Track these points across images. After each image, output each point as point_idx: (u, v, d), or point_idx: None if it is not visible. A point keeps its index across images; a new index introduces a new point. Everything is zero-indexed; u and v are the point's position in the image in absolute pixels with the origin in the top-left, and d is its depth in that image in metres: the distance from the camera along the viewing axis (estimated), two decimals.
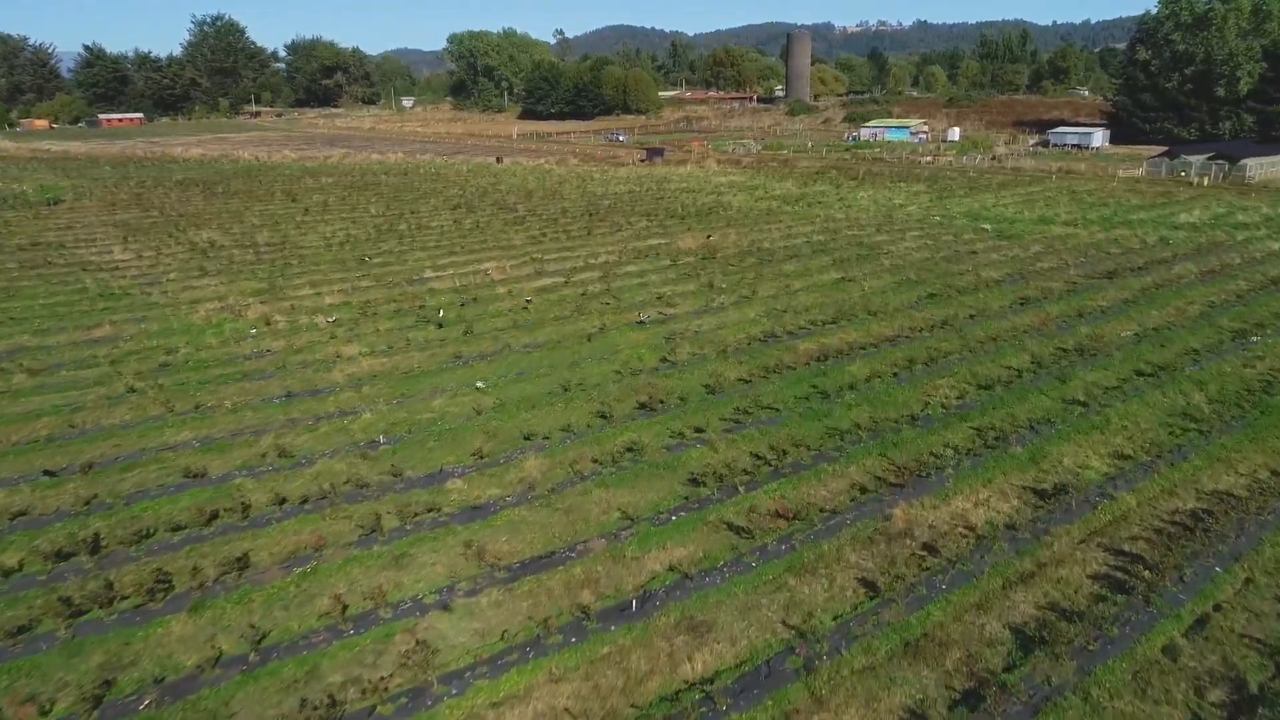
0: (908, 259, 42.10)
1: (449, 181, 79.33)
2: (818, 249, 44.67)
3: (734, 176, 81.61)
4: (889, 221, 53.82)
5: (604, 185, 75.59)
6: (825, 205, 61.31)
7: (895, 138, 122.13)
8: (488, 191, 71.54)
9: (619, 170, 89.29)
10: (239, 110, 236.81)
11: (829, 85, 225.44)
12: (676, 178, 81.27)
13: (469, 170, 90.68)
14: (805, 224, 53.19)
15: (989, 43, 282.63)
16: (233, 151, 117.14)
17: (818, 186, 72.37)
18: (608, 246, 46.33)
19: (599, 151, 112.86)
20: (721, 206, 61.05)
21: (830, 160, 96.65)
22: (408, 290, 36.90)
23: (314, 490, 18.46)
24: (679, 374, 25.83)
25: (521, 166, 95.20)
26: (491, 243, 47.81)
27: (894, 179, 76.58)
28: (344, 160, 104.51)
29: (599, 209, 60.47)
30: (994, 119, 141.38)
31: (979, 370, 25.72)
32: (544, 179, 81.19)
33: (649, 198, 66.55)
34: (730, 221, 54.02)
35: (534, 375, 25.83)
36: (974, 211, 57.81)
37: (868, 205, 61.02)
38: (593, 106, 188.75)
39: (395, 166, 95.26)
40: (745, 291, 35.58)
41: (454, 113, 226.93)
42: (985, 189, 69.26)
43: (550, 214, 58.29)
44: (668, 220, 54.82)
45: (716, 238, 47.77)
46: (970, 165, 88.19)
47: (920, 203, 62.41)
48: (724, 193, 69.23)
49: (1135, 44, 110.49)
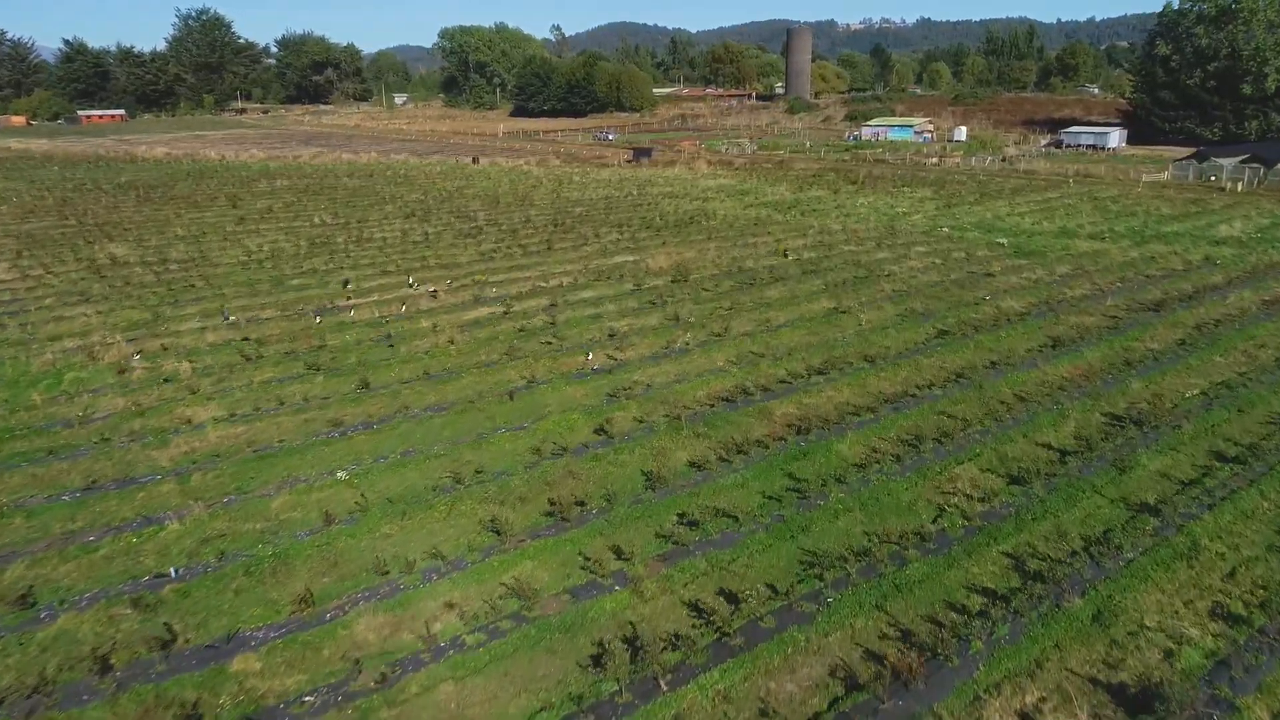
0: (913, 283, 35.90)
1: (415, 184, 73.21)
2: (808, 269, 38.48)
3: (724, 180, 75.42)
4: (891, 234, 47.62)
5: (581, 189, 69.45)
6: (821, 214, 55.11)
7: (898, 137, 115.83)
8: (452, 196, 65.41)
9: (601, 172, 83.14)
10: (225, 107, 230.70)
11: (830, 82, 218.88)
12: (661, 181, 75.12)
13: (441, 172, 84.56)
14: (796, 236, 46.99)
15: (994, 39, 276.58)
16: (201, 150, 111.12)
17: (814, 191, 66.16)
18: (566, 265, 40.16)
19: (585, 151, 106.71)
20: (705, 215, 54.89)
21: (829, 162, 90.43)
22: (314, 324, 30.77)
23: (28, 678, 12.33)
24: (613, 455, 19.70)
25: (498, 167, 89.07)
26: (435, 260, 41.66)
27: (897, 183, 70.37)
28: (313, 160, 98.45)
29: (568, 218, 54.31)
30: (1002, 118, 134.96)
31: (1008, 451, 19.56)
32: (518, 182, 75.07)
33: (627, 204, 60.39)
34: (711, 234, 47.83)
35: (424, 457, 19.70)
36: (986, 222, 51.58)
37: (868, 214, 54.81)
38: (585, 104, 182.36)
39: (364, 167, 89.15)
40: (716, 327, 29.42)
41: (445, 110, 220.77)
42: (997, 195, 63.02)
43: (512, 224, 52.13)
44: (642, 232, 48.65)
45: (693, 254, 41.60)
46: (979, 167, 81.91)
47: (926, 211, 56.21)
48: (710, 198, 63.06)
49: (1154, 38, 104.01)
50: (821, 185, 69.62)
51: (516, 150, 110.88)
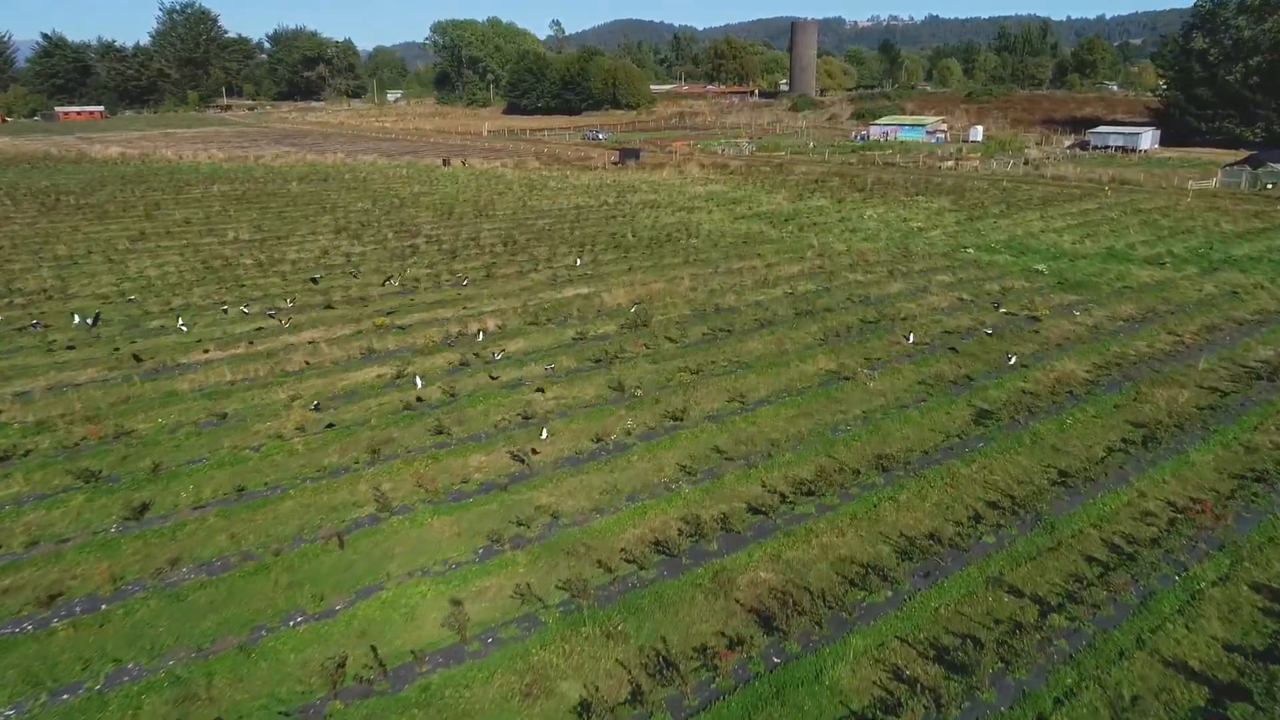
0: (936, 330, 27.92)
1: (368, 190, 65.40)
2: (802, 308, 30.48)
3: (715, 185, 67.42)
4: (906, 258, 39.62)
5: (552, 197, 61.54)
6: (822, 229, 47.11)
7: (909, 137, 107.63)
8: (404, 205, 57.55)
9: (582, 176, 75.20)
10: (210, 104, 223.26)
11: (836, 79, 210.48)
12: (645, 187, 67.18)
13: (405, 175, 76.72)
14: (791, 260, 39.02)
15: (1007, 35, 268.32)
16: (159, 150, 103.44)
17: (815, 200, 58.13)
18: (502, 302, 32.25)
19: (570, 152, 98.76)
20: (687, 230, 46.95)
21: (834, 165, 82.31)
22: (129, 393, 22.93)
23: None
24: (459, 681, 11.80)
25: (471, 170, 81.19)
26: (343, 294, 33.78)
27: (910, 190, 62.30)
28: (274, 161, 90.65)
29: (526, 234, 46.43)
30: (1019, 116, 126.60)
31: (1123, 686, 11.61)
32: (485, 188, 67.20)
33: (599, 216, 52.46)
34: (690, 256, 39.87)
35: (128, 685, 11.83)
36: (1018, 241, 43.53)
37: (877, 230, 46.77)
38: (580, 101, 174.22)
39: (322, 170, 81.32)
40: (673, 404, 21.48)
41: (437, 107, 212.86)
42: (1025, 205, 54.91)
43: (457, 242, 44.25)
44: (607, 254, 40.74)
45: (662, 285, 33.64)
46: (1001, 172, 73.71)
47: (945, 226, 48.16)
48: (697, 208, 55.09)
49: (1190, 30, 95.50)
50: (824, 192, 61.59)
51: (497, 151, 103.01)
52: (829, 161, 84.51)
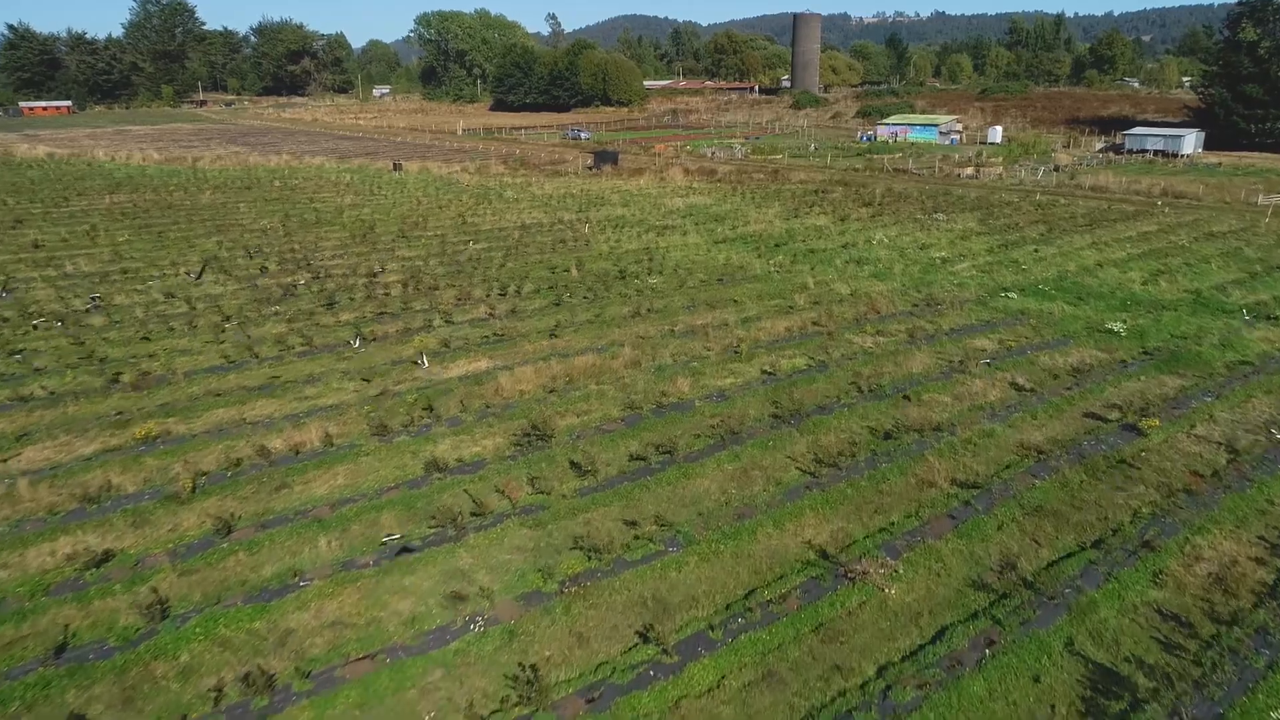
0: (987, 454, 18.17)
1: (290, 201, 55.70)
2: (785, 409, 20.69)
3: (698, 197, 57.63)
4: (930, 307, 29.85)
5: (503, 211, 51.82)
6: (821, 259, 37.33)
7: (921, 138, 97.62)
8: (319, 223, 47.88)
9: (548, 184, 65.42)
10: (187, 98, 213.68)
11: (841, 74, 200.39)
12: (617, 197, 57.41)
13: (347, 182, 66.99)
14: (777, 313, 29.27)
15: (1019, 30, 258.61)
16: (93, 150, 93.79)
17: (813, 218, 48.33)
18: (351, 387, 22.52)
19: (543, 154, 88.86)
20: (650, 262, 37.25)
21: (837, 170, 72.42)
22: None
23: None
24: None
25: (427, 175, 71.43)
26: (132, 371, 24.07)
27: (926, 203, 52.47)
28: (213, 163, 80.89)
29: (444, 267, 36.77)
30: (1040, 115, 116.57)
31: None
32: (429, 199, 57.48)
33: (548, 239, 42.75)
34: (644, 305, 30.12)
35: None
36: (1071, 279, 33.73)
37: (890, 261, 36.98)
38: (569, 97, 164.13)
39: (256, 175, 71.55)
40: (533, 652, 11.79)
41: (423, 103, 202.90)
42: (1069, 226, 45.08)
43: (354, 278, 34.56)
44: (535, 300, 31.05)
45: (590, 361, 23.86)
46: (1031, 181, 63.77)
47: (975, 255, 38.39)
48: (671, 227, 45.36)
49: (1239, 20, 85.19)
50: (825, 207, 51.76)
51: (465, 152, 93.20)
52: (831, 167, 74.59)
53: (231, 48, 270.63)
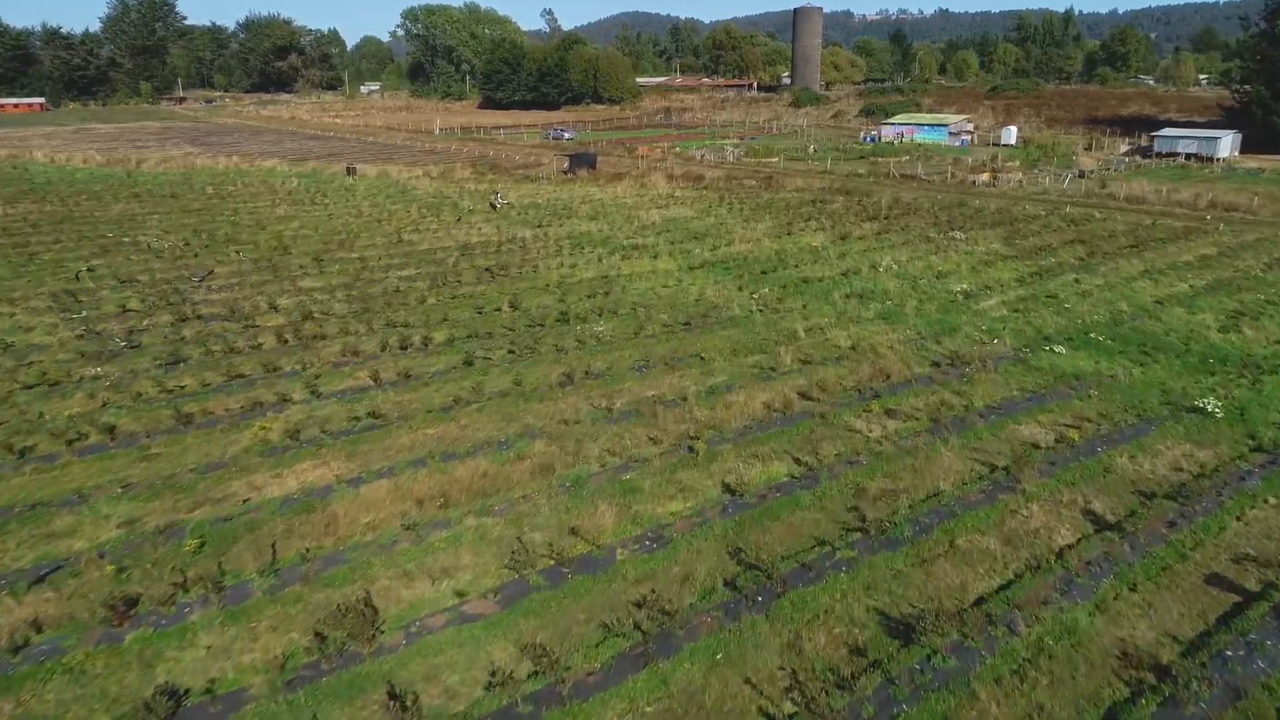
0: (1060, 655, 11.07)
1: (215, 213, 48.73)
2: (753, 576, 13.62)
3: (679, 208, 50.59)
4: (955, 368, 22.80)
5: (448, 227, 44.85)
6: (815, 292, 30.26)
7: (929, 139, 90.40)
8: (229, 241, 40.90)
9: (514, 191, 58.36)
10: (167, 95, 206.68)
11: (844, 71, 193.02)
12: (586, 208, 50.40)
13: (292, 188, 59.97)
14: (755, 379, 22.19)
15: (1026, 26, 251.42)
16: (33, 151, 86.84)
17: (808, 236, 41.25)
18: (104, 526, 15.48)
19: (518, 156, 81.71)
20: (606, 298, 30.26)
21: (837, 176, 65.31)
22: None
23: None
24: None
25: (381, 181, 64.40)
26: None
27: (940, 216, 45.41)
28: (155, 166, 73.88)
29: (350, 305, 29.77)
30: (1055, 115, 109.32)
31: None
32: (371, 210, 50.47)
33: (491, 264, 35.73)
34: (582, 367, 23.05)
35: None
36: (1128, 322, 26.64)
37: (901, 297, 29.89)
38: (558, 94, 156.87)
39: (194, 180, 64.48)
40: None
41: (411, 100, 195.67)
42: (1112, 249, 38.00)
43: (230, 320, 27.55)
44: (448, 352, 24.02)
45: (483, 464, 16.83)
46: (1055, 189, 56.59)
47: (1003, 287, 31.32)
48: (641, 248, 38.33)
49: (1278, 11, 77.88)
50: (823, 221, 44.70)
51: (436, 154, 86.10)
52: (831, 172, 67.43)
53: (219, 43, 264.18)
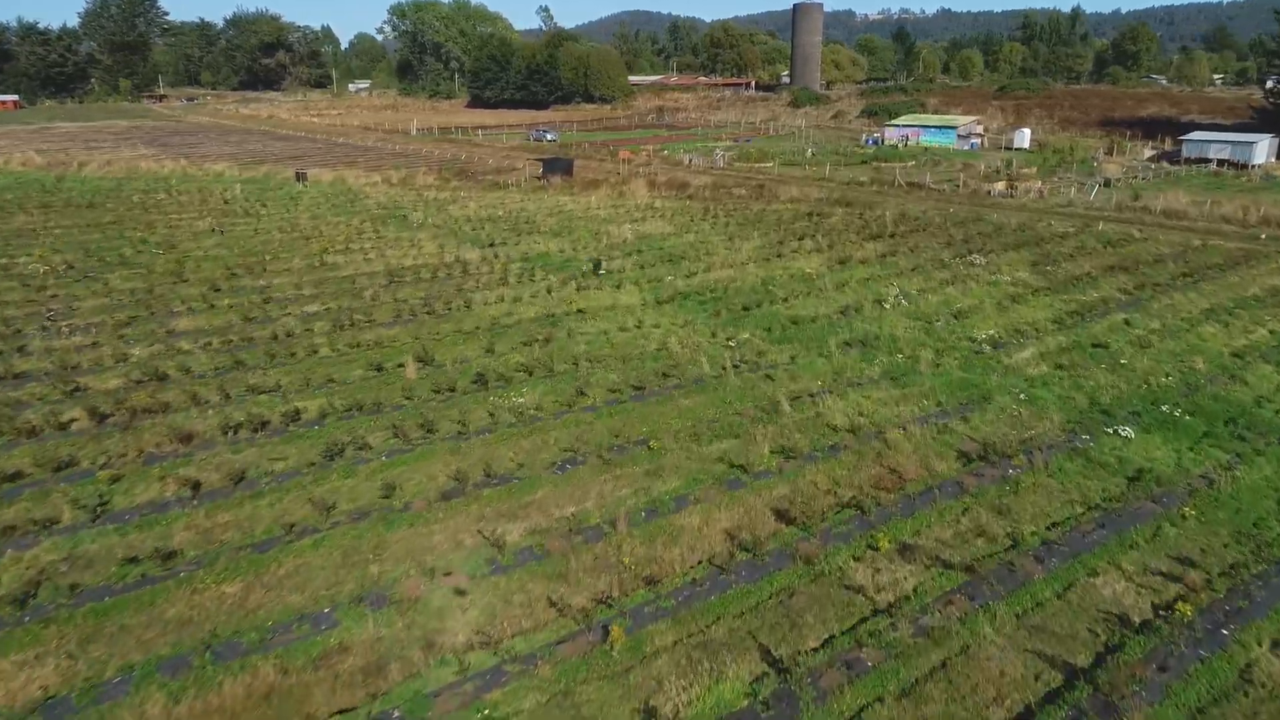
0: None
1: (126, 226, 42.74)
2: None
3: (656, 222, 44.52)
4: (990, 464, 16.67)
5: (391, 244, 38.80)
6: (806, 338, 24.14)
7: (936, 142, 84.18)
8: (123, 265, 34.86)
9: (476, 200, 52.28)
10: (148, 92, 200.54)
11: (845, 70, 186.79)
12: (552, 222, 44.35)
13: (231, 197, 53.90)
14: (717, 483, 16.10)
15: (1032, 24, 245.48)
16: None
17: (801, 259, 35.12)
18: None
19: (491, 160, 75.53)
20: (547, 343, 24.21)
21: (836, 184, 59.21)
22: None
23: None
24: None
25: (334, 187, 58.33)
26: None
27: (954, 234, 39.31)
28: (100, 170, 67.82)
29: (220, 358, 23.76)
30: (1068, 116, 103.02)
31: None
32: (318, 219, 44.44)
33: (418, 297, 29.66)
34: (482, 465, 16.95)
35: None
36: (1208, 390, 20.47)
37: (913, 345, 23.73)
38: (548, 93, 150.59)
39: (128, 185, 58.40)
40: None
41: (398, 99, 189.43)
42: (1163, 279, 31.88)
43: (48, 383, 21.52)
44: (310, 437, 17.94)
45: (273, 680, 10.77)
46: (1081, 202, 50.40)
47: (1038, 330, 25.18)
48: (602, 276, 32.22)
49: None
50: (819, 240, 38.59)
51: (406, 156, 79.98)
52: (830, 180, 61.27)
53: (207, 40, 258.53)
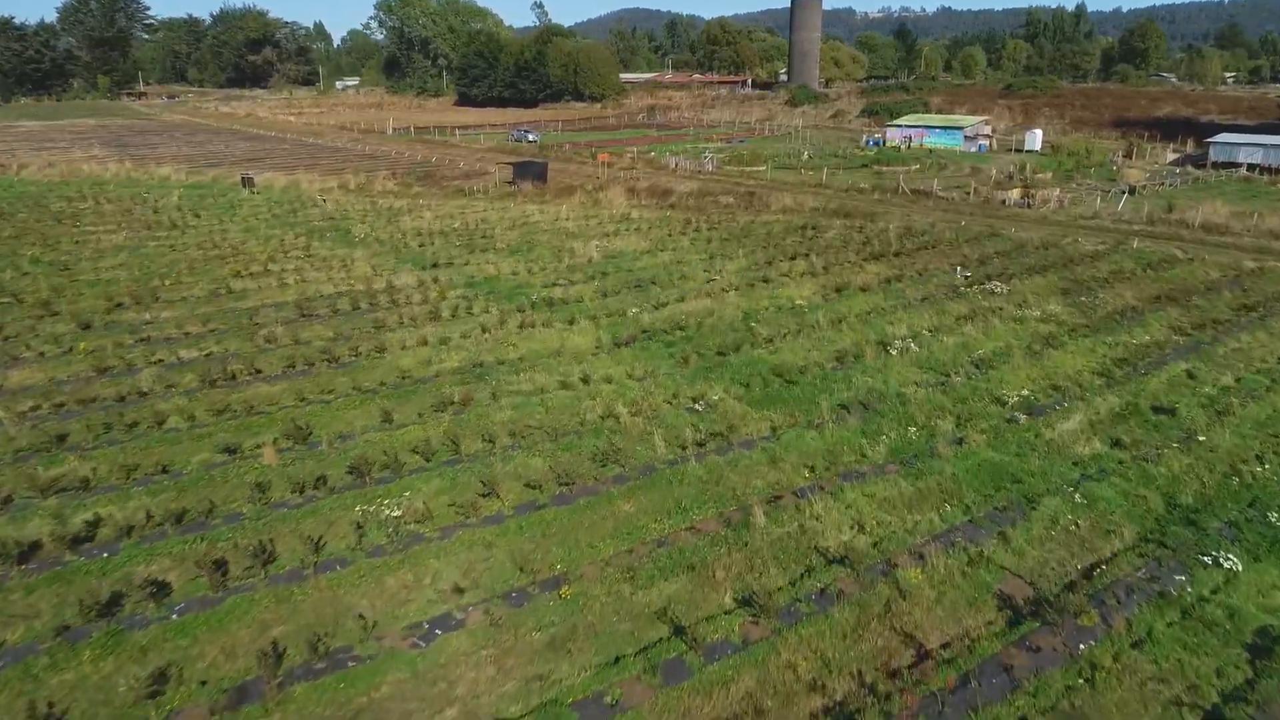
0: None
1: (22, 243, 37.45)
2: None
3: (630, 237, 39.22)
4: (1045, 615, 11.29)
5: (320, 265, 33.49)
6: (792, 401, 18.80)
7: (941, 144, 78.83)
8: None
9: (433, 210, 46.97)
10: (128, 90, 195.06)
11: (845, 68, 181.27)
12: (512, 237, 39.07)
13: (165, 204, 48.60)
14: (653, 694, 10.79)
15: (1036, 21, 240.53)
16: None
17: (791, 286, 29.79)
18: None
19: (463, 163, 70.15)
20: (461, 411, 18.91)
21: (835, 192, 53.90)
22: None
23: None
24: None
25: (286, 193, 53.00)
26: None
27: (968, 253, 33.99)
28: (39, 173, 62.49)
29: (33, 437, 18.40)
30: (1079, 116, 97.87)
31: None
32: (251, 232, 39.14)
33: (319, 341, 24.35)
34: (295, 658, 11.67)
35: None
36: None
37: (927, 408, 18.38)
38: (536, 91, 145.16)
39: (56, 191, 53.08)
40: None
41: (385, 96, 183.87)
42: (1222, 314, 26.61)
43: None
44: (120, 551, 12.58)
45: None
46: (1107, 213, 45.07)
47: (1082, 388, 19.78)
48: (555, 308, 26.93)
49: None
50: (813, 261, 33.25)
51: (373, 158, 74.65)
52: (828, 186, 55.92)
53: (195, 36, 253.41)
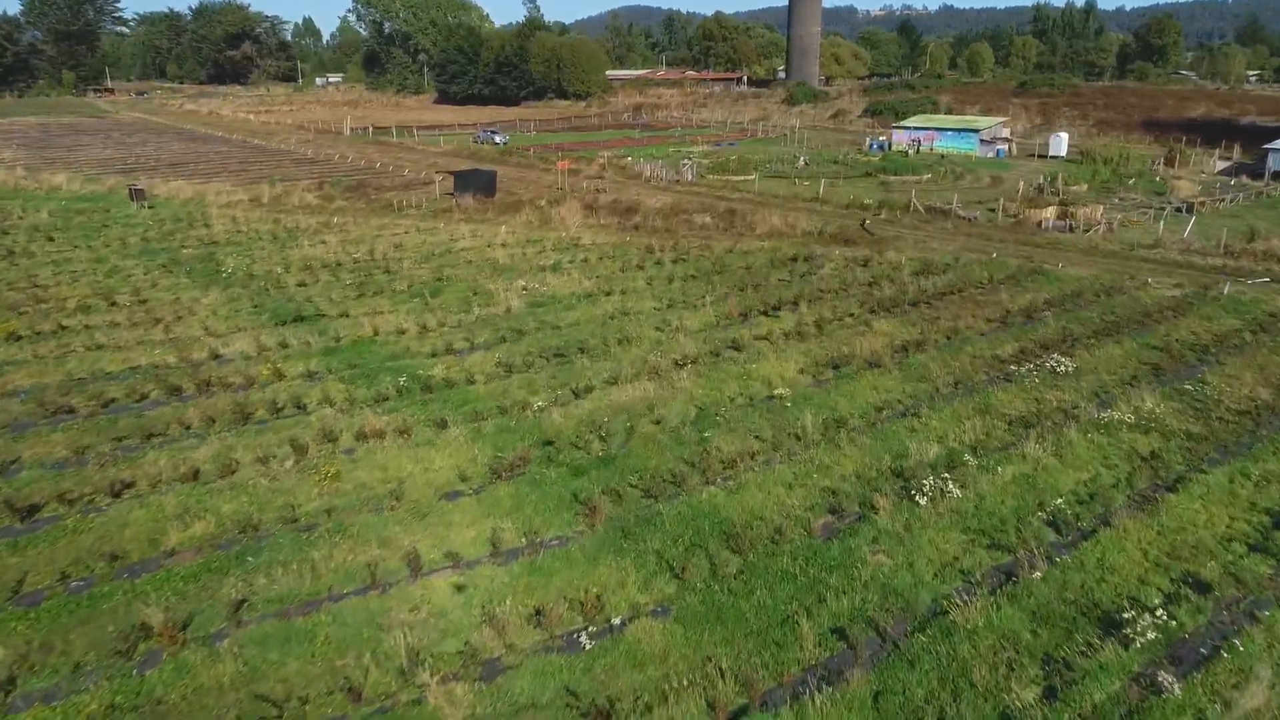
0: None
1: None
2: None
3: (569, 275, 30.52)
4: None
5: (139, 321, 24.84)
6: (750, 632, 10.10)
7: (955, 148, 70.04)
8: None
9: (358, 228, 38.33)
10: (95, 85, 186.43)
11: (846, 65, 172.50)
12: (421, 274, 30.46)
13: (36, 220, 39.98)
14: None
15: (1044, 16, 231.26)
16: None
17: (770, 360, 21.11)
18: None
19: (408, 169, 61.40)
20: (162, 670, 10.17)
21: (834, 209, 45.20)
22: None
23: None
24: None
25: (184, 208, 44.34)
26: None
27: (1008, 304, 25.37)
28: None
29: None
30: (1104, 116, 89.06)
31: None
32: (96, 265, 30.48)
33: (79, 457, 15.65)
34: None
35: None
36: None
37: (997, 635, 9.75)
38: (518, 88, 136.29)
39: None
40: None
41: (364, 93, 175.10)
42: None
43: None
44: None
45: None
46: (1175, 244, 36.35)
47: (1237, 571, 11.17)
48: (429, 395, 18.31)
49: None
50: (803, 314, 24.57)
51: (312, 164, 65.94)
52: (826, 201, 47.16)
53: (176, 31, 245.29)
